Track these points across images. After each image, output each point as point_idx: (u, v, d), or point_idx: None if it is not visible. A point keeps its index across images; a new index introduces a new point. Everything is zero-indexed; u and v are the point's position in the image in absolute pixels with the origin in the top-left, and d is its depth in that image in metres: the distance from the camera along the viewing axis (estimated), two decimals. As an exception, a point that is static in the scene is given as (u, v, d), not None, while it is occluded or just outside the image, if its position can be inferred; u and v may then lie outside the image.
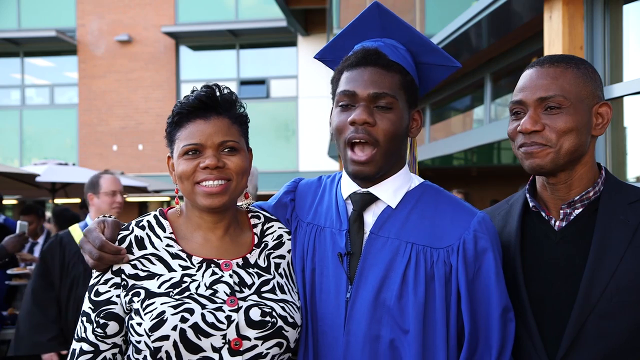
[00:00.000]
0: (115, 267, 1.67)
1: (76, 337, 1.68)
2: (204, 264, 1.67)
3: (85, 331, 1.66)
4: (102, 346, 1.65)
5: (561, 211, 1.69)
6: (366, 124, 1.61)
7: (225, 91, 1.74)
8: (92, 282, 1.70)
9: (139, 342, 1.59)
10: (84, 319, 1.67)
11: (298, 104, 18.69)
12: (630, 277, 1.56)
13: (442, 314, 1.60)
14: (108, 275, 1.67)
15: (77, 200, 11.05)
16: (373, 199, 1.71)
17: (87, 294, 1.70)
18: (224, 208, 1.70)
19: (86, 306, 1.68)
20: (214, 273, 1.66)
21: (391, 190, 1.71)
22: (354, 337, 1.63)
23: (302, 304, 1.72)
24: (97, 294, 1.67)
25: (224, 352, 1.58)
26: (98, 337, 1.65)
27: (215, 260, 1.68)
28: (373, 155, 1.63)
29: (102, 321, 1.64)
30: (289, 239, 1.81)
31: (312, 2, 16.37)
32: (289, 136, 18.97)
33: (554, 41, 3.99)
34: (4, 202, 8.82)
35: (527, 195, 1.77)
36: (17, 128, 19.87)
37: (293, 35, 18.71)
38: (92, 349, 1.65)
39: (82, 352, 1.65)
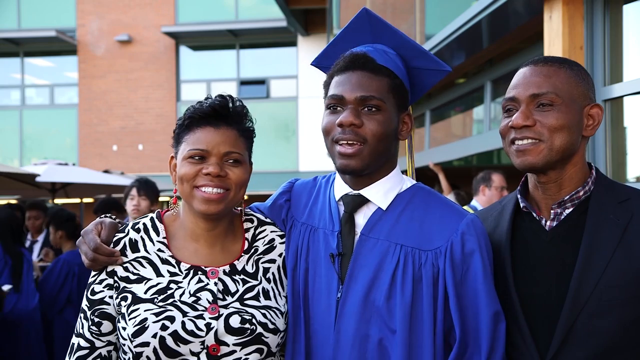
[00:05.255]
0: (109, 269, 1.72)
1: (75, 332, 1.74)
2: (191, 271, 1.71)
3: (82, 327, 1.72)
4: (98, 343, 1.71)
5: (552, 211, 1.70)
6: (353, 125, 1.65)
7: (238, 103, 1.78)
8: (89, 281, 1.75)
9: (123, 344, 1.66)
10: (82, 315, 1.73)
11: (298, 104, 18.70)
12: (620, 275, 1.57)
13: (430, 315, 1.62)
14: (103, 275, 1.73)
15: (77, 200, 11.05)
16: (364, 200, 1.74)
17: (85, 292, 1.75)
18: (218, 216, 1.73)
19: (84, 304, 1.74)
20: (199, 281, 1.70)
21: (382, 192, 1.73)
22: (343, 336, 1.66)
23: (291, 304, 1.75)
24: (93, 292, 1.73)
25: (202, 356, 1.62)
26: (93, 335, 1.71)
27: (203, 267, 1.72)
28: (360, 150, 1.65)
29: (96, 320, 1.70)
30: (281, 243, 1.84)
31: (312, 2, 16.37)
32: (289, 136, 18.97)
33: (554, 41, 3.99)
34: (4, 202, 8.82)
35: (518, 196, 1.78)
36: (17, 128, 19.86)
37: (293, 35, 18.71)
38: (88, 345, 1.71)
39: (80, 347, 1.71)
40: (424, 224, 1.69)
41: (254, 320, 1.66)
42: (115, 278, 1.70)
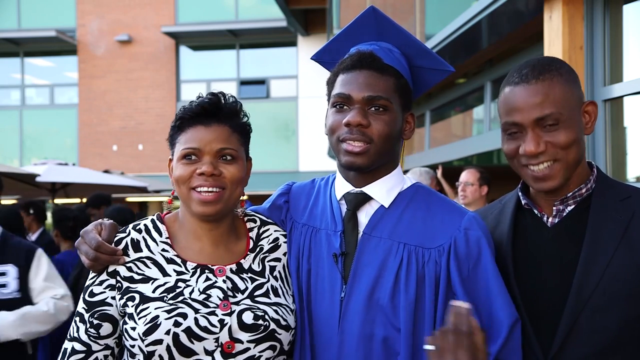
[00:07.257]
0: (110, 269, 1.69)
1: (68, 337, 1.69)
2: (198, 270, 1.69)
3: (78, 331, 1.68)
4: (95, 347, 1.66)
5: (554, 208, 1.71)
6: (360, 125, 1.64)
7: (230, 100, 1.76)
8: (87, 283, 1.72)
9: (133, 346, 1.61)
10: (77, 319, 1.69)
11: (298, 104, 18.71)
12: (623, 271, 1.58)
13: (431, 313, 1.62)
14: (103, 276, 1.69)
15: (77, 200, 11.05)
16: (366, 198, 1.73)
17: (82, 295, 1.71)
18: (218, 216, 1.71)
19: (80, 307, 1.69)
20: (207, 279, 1.67)
21: (384, 190, 1.73)
22: (348, 335, 1.65)
23: (298, 305, 1.74)
24: (92, 294, 1.68)
25: (217, 355, 1.59)
26: (91, 338, 1.66)
27: (209, 266, 1.70)
28: (367, 148, 1.66)
29: (95, 322, 1.66)
30: (285, 242, 1.83)
31: (312, 2, 16.39)
32: (289, 136, 18.98)
33: (554, 41, 3.99)
34: (4, 202, 8.82)
35: (520, 194, 1.79)
36: (17, 128, 19.88)
37: (293, 35, 18.72)
38: (85, 349, 1.66)
39: (74, 351, 1.66)
40: (426, 222, 1.69)
41: (266, 317, 1.64)
42: (118, 278, 1.67)
